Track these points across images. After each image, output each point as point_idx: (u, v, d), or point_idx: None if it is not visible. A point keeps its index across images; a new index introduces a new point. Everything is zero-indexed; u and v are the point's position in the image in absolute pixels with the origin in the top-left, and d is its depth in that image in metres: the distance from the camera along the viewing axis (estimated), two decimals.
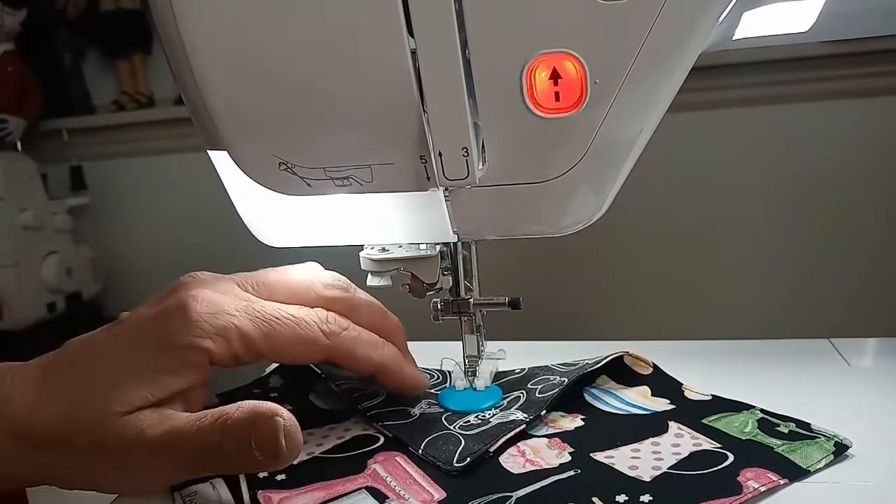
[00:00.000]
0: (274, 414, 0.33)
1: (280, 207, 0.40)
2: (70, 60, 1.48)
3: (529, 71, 0.32)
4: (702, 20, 0.32)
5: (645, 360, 0.46)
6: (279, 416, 0.33)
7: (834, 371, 0.47)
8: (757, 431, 0.38)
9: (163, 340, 0.36)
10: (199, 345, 0.36)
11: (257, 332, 0.37)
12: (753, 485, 0.33)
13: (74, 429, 0.34)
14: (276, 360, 0.39)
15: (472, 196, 0.36)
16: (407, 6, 0.31)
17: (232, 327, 0.37)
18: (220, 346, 0.36)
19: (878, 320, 1.23)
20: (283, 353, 0.39)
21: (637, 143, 0.35)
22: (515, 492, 0.34)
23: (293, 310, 0.39)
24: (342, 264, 0.44)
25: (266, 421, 0.33)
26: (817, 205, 1.24)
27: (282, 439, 0.33)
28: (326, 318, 0.40)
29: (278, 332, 0.38)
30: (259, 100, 0.35)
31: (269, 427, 0.33)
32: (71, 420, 0.34)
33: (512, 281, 1.28)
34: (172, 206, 1.50)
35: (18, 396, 0.35)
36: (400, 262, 0.42)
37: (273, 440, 0.33)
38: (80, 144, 1.49)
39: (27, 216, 1.30)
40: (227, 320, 0.37)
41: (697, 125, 1.23)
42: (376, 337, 0.42)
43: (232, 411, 0.34)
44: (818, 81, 1.19)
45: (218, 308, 0.37)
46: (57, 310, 1.36)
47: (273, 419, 0.33)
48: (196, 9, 0.33)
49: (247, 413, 0.33)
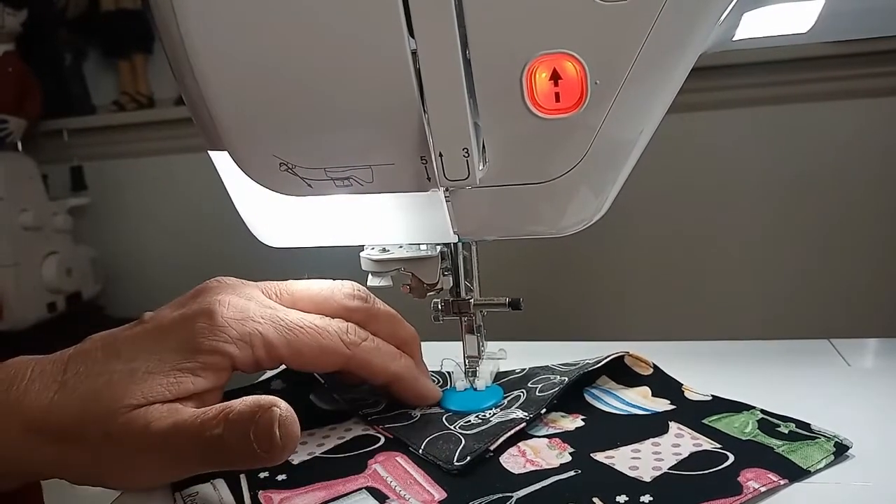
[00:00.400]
0: (272, 405, 0.33)
1: (280, 207, 0.40)
2: (70, 60, 1.48)
3: (530, 71, 0.32)
4: (702, 21, 0.32)
5: (645, 361, 0.46)
6: (276, 406, 0.33)
7: (834, 371, 0.47)
8: (757, 432, 0.38)
9: (187, 342, 0.36)
10: (224, 349, 0.36)
11: (280, 340, 0.38)
12: (754, 485, 0.33)
13: (88, 420, 0.34)
14: (296, 367, 0.40)
15: (472, 196, 0.36)
16: (407, 6, 0.31)
17: (256, 334, 0.37)
18: (243, 352, 0.37)
19: (878, 320, 1.23)
20: (303, 361, 0.39)
21: (637, 144, 0.35)
22: (516, 492, 0.34)
23: (315, 319, 0.40)
24: (342, 264, 0.44)
25: (265, 412, 0.33)
26: (817, 205, 1.24)
27: (276, 430, 0.32)
28: (346, 328, 0.40)
29: (301, 341, 0.38)
30: (259, 100, 0.35)
31: (266, 418, 0.33)
32: (85, 413, 0.34)
33: (512, 281, 1.28)
34: (173, 207, 1.50)
35: (36, 390, 0.35)
36: (400, 263, 0.42)
37: (268, 431, 0.32)
38: (81, 144, 1.49)
39: (27, 216, 1.30)
40: (253, 327, 0.37)
41: (697, 125, 1.23)
42: (394, 348, 0.42)
43: (235, 405, 0.34)
44: (818, 82, 1.19)
45: (244, 314, 0.38)
46: (57, 310, 1.36)
47: (270, 409, 0.33)
48: (197, 9, 0.33)
49: (249, 406, 0.33)
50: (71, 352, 0.37)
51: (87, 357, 0.37)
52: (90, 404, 0.34)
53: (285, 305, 0.40)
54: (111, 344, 0.37)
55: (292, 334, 0.38)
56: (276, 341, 0.38)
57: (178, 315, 0.38)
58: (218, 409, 0.34)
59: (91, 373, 0.36)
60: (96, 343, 0.38)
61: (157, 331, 0.38)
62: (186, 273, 1.56)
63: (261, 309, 0.39)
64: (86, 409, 0.34)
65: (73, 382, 0.35)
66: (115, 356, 0.36)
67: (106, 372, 0.36)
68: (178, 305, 0.39)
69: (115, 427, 0.34)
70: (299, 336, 0.38)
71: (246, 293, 0.40)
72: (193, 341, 0.36)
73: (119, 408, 0.34)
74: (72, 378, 0.35)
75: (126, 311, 1.52)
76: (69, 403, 0.35)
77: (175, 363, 0.36)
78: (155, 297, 1.65)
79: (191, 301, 0.39)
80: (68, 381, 0.35)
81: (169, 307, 0.40)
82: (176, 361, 0.36)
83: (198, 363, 0.36)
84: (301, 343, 0.38)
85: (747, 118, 1.23)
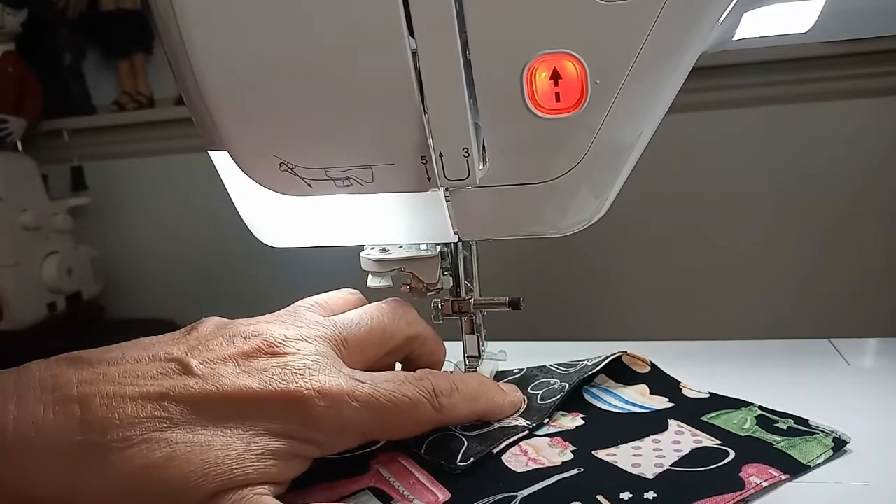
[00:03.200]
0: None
1: (280, 207, 0.40)
2: (70, 60, 1.48)
3: (530, 71, 0.32)
4: (702, 21, 0.32)
5: (643, 359, 0.46)
6: None
7: (834, 371, 0.47)
8: (756, 428, 0.39)
9: (295, 420, 0.32)
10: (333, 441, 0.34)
11: (375, 422, 0.34)
12: (755, 480, 0.33)
13: None
14: (385, 439, 0.38)
15: (472, 196, 0.36)
16: (407, 6, 0.31)
17: (356, 423, 0.34)
18: (336, 443, 0.34)
19: (878, 320, 1.23)
20: (395, 436, 0.37)
21: (637, 144, 0.35)
22: (520, 491, 0.34)
23: (399, 386, 0.35)
24: (342, 264, 0.44)
25: None
26: (817, 205, 1.24)
27: None
28: (433, 388, 0.36)
29: (395, 419, 0.35)
30: (259, 100, 0.35)
31: None
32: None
33: (512, 281, 1.28)
34: (173, 207, 1.50)
35: None
36: (400, 263, 0.42)
37: None
38: (81, 144, 1.49)
39: (27, 216, 1.30)
40: (349, 416, 0.33)
41: (697, 125, 1.23)
42: (473, 387, 0.39)
43: None
44: (819, 82, 1.19)
45: (337, 401, 0.33)
46: (57, 310, 1.36)
47: None
48: (197, 9, 0.33)
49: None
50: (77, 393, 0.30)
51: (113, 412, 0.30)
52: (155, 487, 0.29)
53: (357, 362, 0.37)
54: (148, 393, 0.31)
55: (386, 414, 0.34)
56: (371, 424, 0.34)
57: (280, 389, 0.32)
58: None
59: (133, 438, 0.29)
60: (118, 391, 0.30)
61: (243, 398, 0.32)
62: (186, 273, 1.57)
63: (349, 384, 0.34)
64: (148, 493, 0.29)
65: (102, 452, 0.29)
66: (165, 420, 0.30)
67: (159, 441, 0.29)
68: (172, 342, 0.35)
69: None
70: (394, 416, 0.35)
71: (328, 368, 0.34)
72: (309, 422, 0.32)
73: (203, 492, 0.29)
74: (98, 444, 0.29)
75: (126, 311, 1.53)
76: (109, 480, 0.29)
77: (268, 443, 0.31)
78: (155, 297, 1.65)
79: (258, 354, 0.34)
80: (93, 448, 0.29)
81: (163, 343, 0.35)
82: (271, 440, 0.32)
83: (297, 450, 0.32)
84: (395, 421, 0.35)
85: (747, 118, 1.23)
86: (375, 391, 0.34)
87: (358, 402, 0.34)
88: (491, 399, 0.40)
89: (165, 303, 1.47)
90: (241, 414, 0.32)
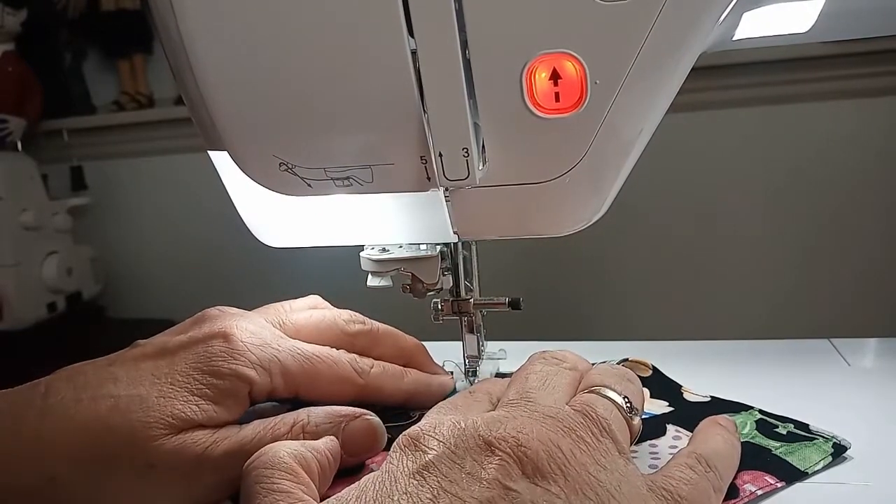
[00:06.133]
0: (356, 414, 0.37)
1: (280, 207, 0.40)
2: (70, 60, 1.48)
3: (529, 71, 0.32)
4: (702, 21, 0.32)
5: (644, 363, 0.46)
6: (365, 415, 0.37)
7: (834, 371, 0.47)
8: (755, 433, 0.38)
9: (202, 364, 0.34)
10: (244, 374, 0.35)
11: (298, 368, 0.37)
12: (750, 488, 0.33)
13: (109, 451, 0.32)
14: (310, 397, 0.38)
15: (472, 196, 0.36)
16: (407, 6, 0.31)
17: (276, 361, 0.36)
18: (262, 379, 0.35)
19: (878, 320, 1.23)
20: (318, 391, 0.38)
21: (637, 144, 0.35)
22: None
23: (325, 349, 0.39)
24: (342, 264, 0.44)
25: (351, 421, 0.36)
26: (817, 205, 1.24)
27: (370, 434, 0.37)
28: (355, 357, 0.40)
29: (317, 370, 0.38)
30: (259, 100, 0.35)
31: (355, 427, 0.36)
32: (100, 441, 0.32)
33: (512, 281, 1.28)
34: (173, 207, 1.50)
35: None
36: (400, 263, 0.42)
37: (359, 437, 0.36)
38: (81, 144, 1.49)
39: (27, 216, 1.30)
40: (272, 353, 0.36)
41: (697, 125, 1.23)
42: (399, 368, 0.42)
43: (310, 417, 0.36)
44: (818, 82, 1.19)
45: (262, 340, 0.37)
46: (57, 310, 1.36)
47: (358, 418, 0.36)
48: (196, 9, 0.33)
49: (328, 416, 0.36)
50: (45, 379, 0.34)
51: (71, 382, 0.33)
52: (103, 434, 0.31)
53: (289, 336, 0.39)
54: (104, 368, 0.34)
55: (309, 364, 0.37)
56: (295, 370, 0.37)
57: (187, 338, 0.36)
58: (288, 423, 0.34)
59: (83, 398, 0.32)
60: (80, 369, 0.34)
61: (161, 353, 0.35)
62: (186, 273, 1.57)
63: (276, 337, 0.38)
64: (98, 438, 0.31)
65: (61, 409, 0.32)
66: (111, 381, 0.33)
67: (106, 397, 0.32)
68: (177, 332, 0.37)
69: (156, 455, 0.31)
70: (316, 365, 0.38)
71: (255, 321, 0.38)
72: (210, 364, 0.34)
73: (150, 436, 0.31)
74: (57, 404, 0.32)
75: (126, 311, 1.53)
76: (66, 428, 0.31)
77: (190, 386, 0.33)
78: (155, 297, 1.65)
79: (194, 327, 0.37)
80: (53, 407, 0.32)
81: (166, 334, 0.37)
82: (191, 385, 0.33)
83: (216, 388, 0.34)
84: (317, 372, 0.38)
85: (747, 118, 1.23)
86: (300, 343, 0.38)
87: (281, 347, 0.37)
88: (420, 382, 0.43)
89: (165, 303, 1.47)
90: (171, 363, 0.34)
